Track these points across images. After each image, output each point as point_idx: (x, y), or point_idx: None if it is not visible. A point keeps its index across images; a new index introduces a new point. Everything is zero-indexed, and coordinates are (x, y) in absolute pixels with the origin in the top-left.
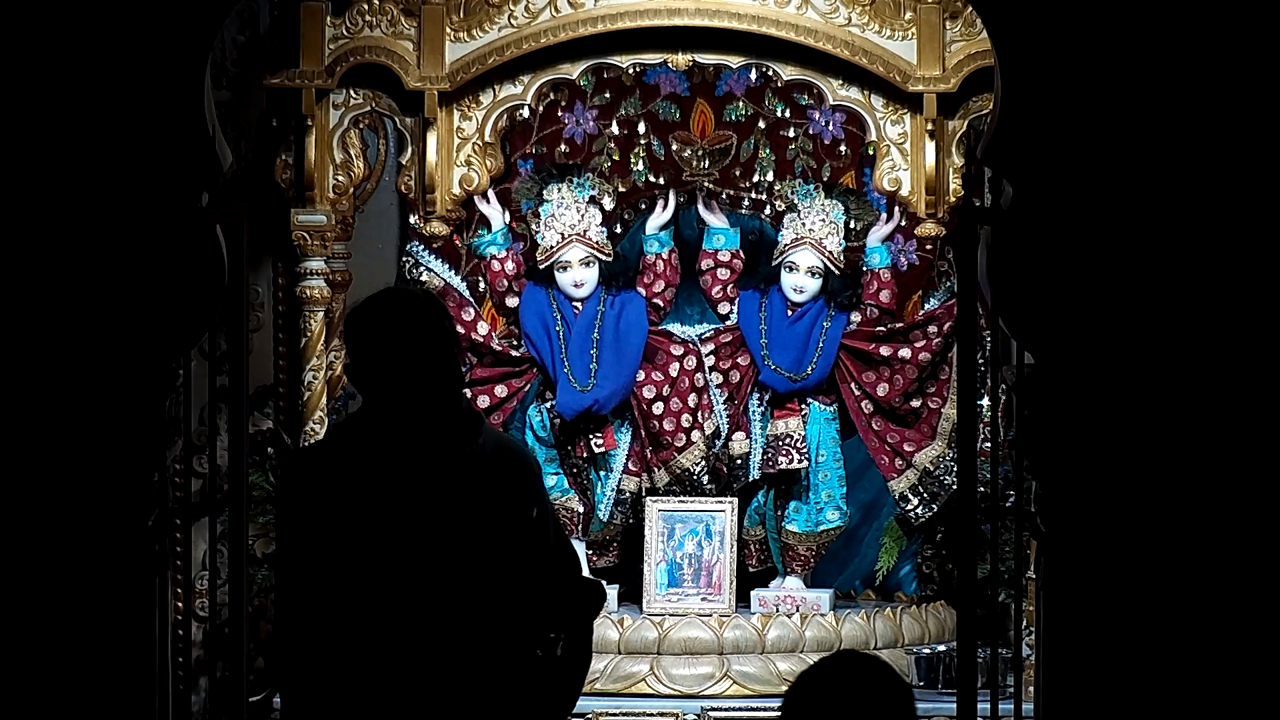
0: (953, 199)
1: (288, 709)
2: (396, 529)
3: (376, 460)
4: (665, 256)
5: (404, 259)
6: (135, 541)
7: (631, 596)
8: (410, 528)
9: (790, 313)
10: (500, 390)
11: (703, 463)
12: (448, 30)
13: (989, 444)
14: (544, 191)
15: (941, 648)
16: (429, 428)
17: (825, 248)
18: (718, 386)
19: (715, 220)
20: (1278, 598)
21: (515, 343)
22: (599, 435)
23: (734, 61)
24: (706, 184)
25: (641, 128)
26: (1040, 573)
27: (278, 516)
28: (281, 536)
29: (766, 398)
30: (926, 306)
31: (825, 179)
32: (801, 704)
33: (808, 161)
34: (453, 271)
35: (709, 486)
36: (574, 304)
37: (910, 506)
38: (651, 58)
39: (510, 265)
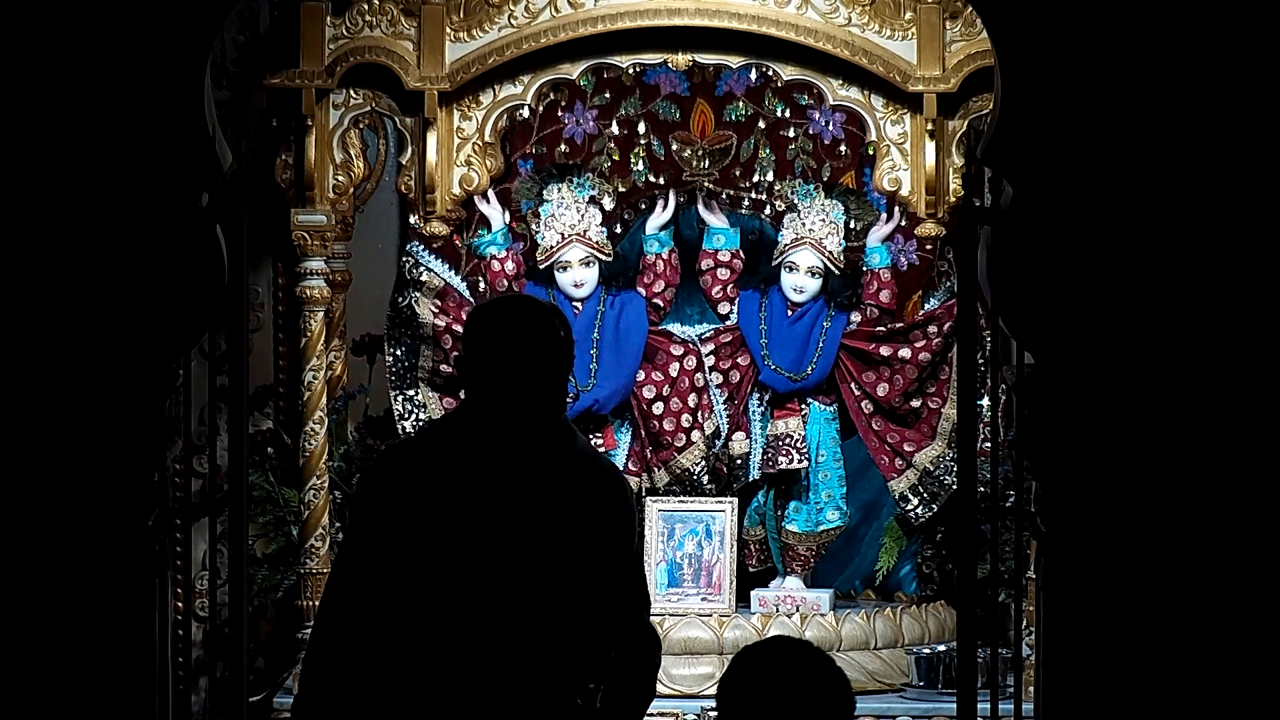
0: (953, 199)
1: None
2: (477, 533)
3: (467, 463)
4: (665, 256)
5: (404, 259)
6: (135, 541)
7: None
8: (491, 533)
9: (790, 313)
10: None
11: (703, 463)
12: (448, 30)
13: (989, 444)
14: (544, 191)
15: (941, 648)
16: (527, 435)
17: (825, 248)
18: (718, 386)
19: (715, 220)
20: (1278, 598)
21: None
22: (599, 435)
23: (734, 61)
24: (706, 184)
25: (641, 128)
26: (1040, 573)
27: (352, 509)
28: (351, 530)
29: (766, 398)
30: (926, 306)
31: (825, 179)
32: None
33: (808, 161)
34: (453, 271)
35: (709, 486)
36: (574, 304)
37: (910, 506)
38: (651, 58)
39: (510, 265)
